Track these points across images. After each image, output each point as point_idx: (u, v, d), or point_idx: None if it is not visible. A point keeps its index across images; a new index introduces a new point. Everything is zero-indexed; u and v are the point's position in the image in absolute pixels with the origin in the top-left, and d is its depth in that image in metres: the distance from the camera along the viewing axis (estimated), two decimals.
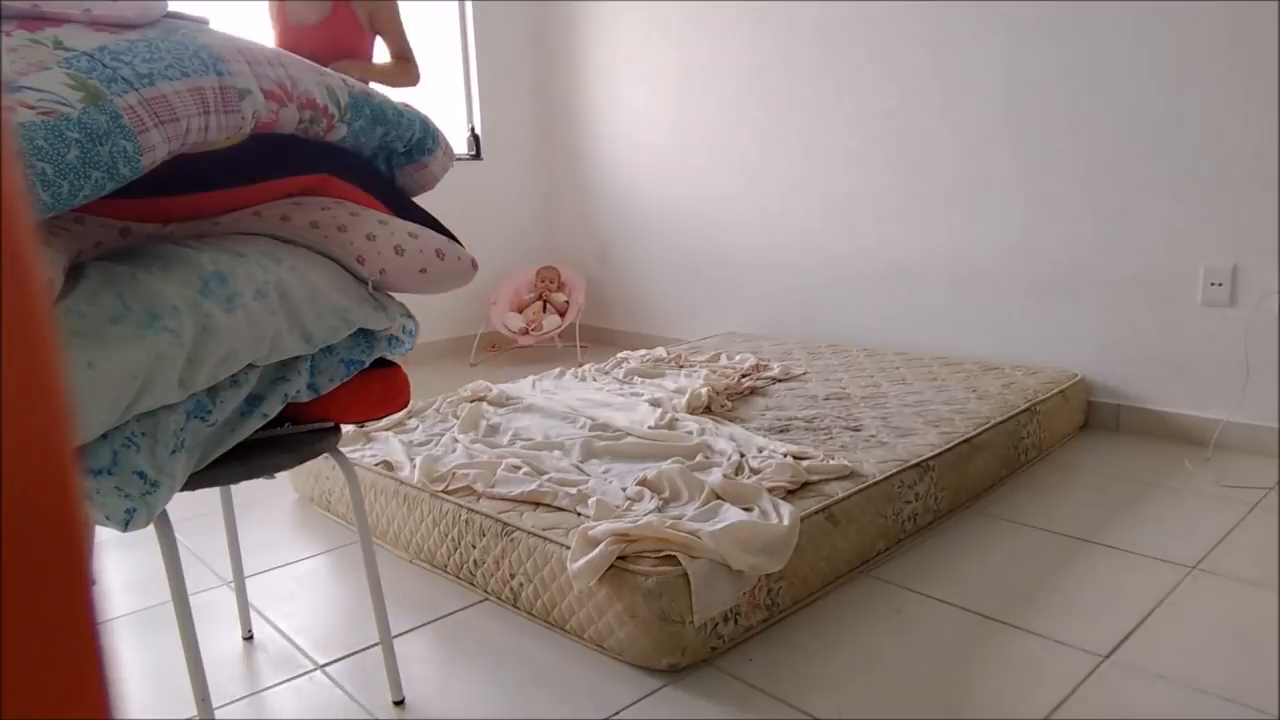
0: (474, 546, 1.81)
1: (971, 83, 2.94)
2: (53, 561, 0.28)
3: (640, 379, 2.85)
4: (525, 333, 4.09)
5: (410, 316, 1.38)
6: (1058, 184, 2.79)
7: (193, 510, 2.30)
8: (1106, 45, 2.62)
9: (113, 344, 0.95)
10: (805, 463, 1.92)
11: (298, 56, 1.17)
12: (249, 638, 1.70)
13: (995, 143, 2.91)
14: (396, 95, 1.66)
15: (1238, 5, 2.36)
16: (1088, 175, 2.72)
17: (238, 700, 1.50)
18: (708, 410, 2.47)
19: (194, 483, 1.13)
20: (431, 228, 1.35)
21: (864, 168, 3.30)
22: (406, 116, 1.31)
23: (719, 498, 1.75)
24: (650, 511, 1.70)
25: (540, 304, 4.25)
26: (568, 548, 1.61)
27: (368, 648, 1.65)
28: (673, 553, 1.51)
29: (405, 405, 1.43)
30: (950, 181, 3.05)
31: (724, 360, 3.02)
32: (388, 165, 1.37)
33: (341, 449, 1.39)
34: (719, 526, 1.58)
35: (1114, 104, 2.63)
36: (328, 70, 1.21)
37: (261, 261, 1.13)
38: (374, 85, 2.66)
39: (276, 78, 1.10)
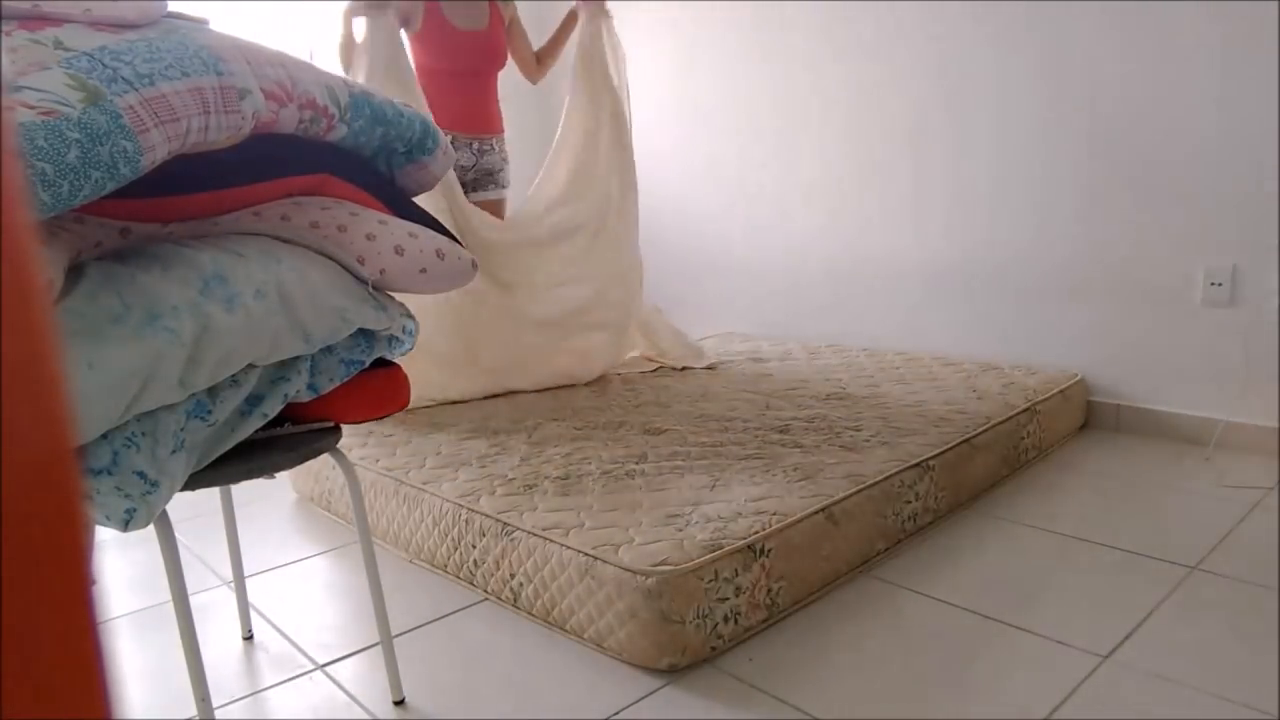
0: (474, 546, 1.81)
1: (971, 84, 2.94)
2: (53, 561, 0.28)
3: None
4: None
5: (410, 316, 1.38)
6: (1057, 184, 2.79)
7: (193, 510, 2.30)
8: (1106, 45, 2.62)
9: (113, 344, 0.95)
10: None
11: (298, 56, 1.17)
12: (249, 638, 1.70)
13: (994, 143, 2.91)
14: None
15: (1237, 4, 2.36)
16: (1087, 175, 2.72)
17: (238, 700, 1.50)
18: None
19: (194, 483, 1.13)
20: (431, 228, 1.35)
21: (864, 168, 3.30)
22: (406, 116, 1.31)
23: None
24: None
25: None
26: (568, 548, 1.61)
27: (368, 648, 1.65)
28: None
29: (405, 405, 1.43)
30: (950, 182, 3.05)
31: None
32: (388, 165, 1.37)
33: (341, 449, 1.39)
34: None
35: (1114, 104, 2.63)
36: (327, 70, 1.21)
37: (261, 261, 1.13)
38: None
39: (276, 78, 1.10)
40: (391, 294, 1.35)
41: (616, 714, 1.41)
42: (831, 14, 3.29)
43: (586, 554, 1.59)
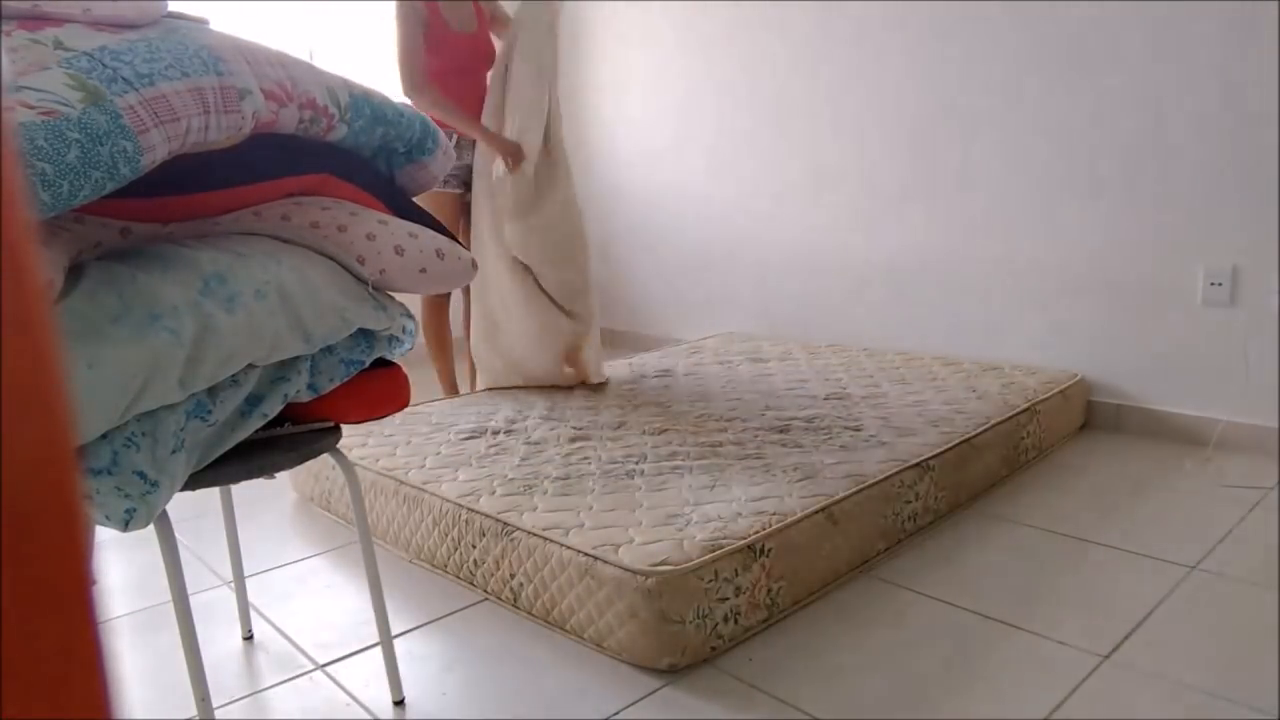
0: (474, 546, 1.81)
1: (970, 82, 2.94)
2: (53, 561, 0.28)
3: None
4: None
5: (410, 316, 1.38)
6: (1058, 184, 2.79)
7: (193, 510, 2.30)
8: (1106, 43, 2.62)
9: (113, 344, 0.95)
10: None
11: (297, 57, 1.17)
12: (249, 638, 1.70)
13: (995, 143, 2.91)
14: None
15: (1237, 4, 2.36)
16: (1088, 175, 2.72)
17: (238, 700, 1.50)
18: None
19: (194, 483, 1.13)
20: (432, 228, 1.35)
21: (864, 168, 3.30)
22: (406, 116, 1.31)
23: None
24: None
25: None
26: (568, 548, 1.61)
27: (368, 648, 1.65)
28: None
29: (405, 405, 1.43)
30: (950, 181, 3.05)
31: None
32: (388, 165, 1.37)
33: (341, 449, 1.39)
34: None
35: (1114, 103, 2.63)
36: (327, 70, 1.21)
37: (262, 261, 1.13)
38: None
39: (276, 78, 1.10)
40: (391, 294, 1.35)
41: (616, 714, 1.41)
42: (834, 14, 3.29)
43: (586, 554, 1.59)
